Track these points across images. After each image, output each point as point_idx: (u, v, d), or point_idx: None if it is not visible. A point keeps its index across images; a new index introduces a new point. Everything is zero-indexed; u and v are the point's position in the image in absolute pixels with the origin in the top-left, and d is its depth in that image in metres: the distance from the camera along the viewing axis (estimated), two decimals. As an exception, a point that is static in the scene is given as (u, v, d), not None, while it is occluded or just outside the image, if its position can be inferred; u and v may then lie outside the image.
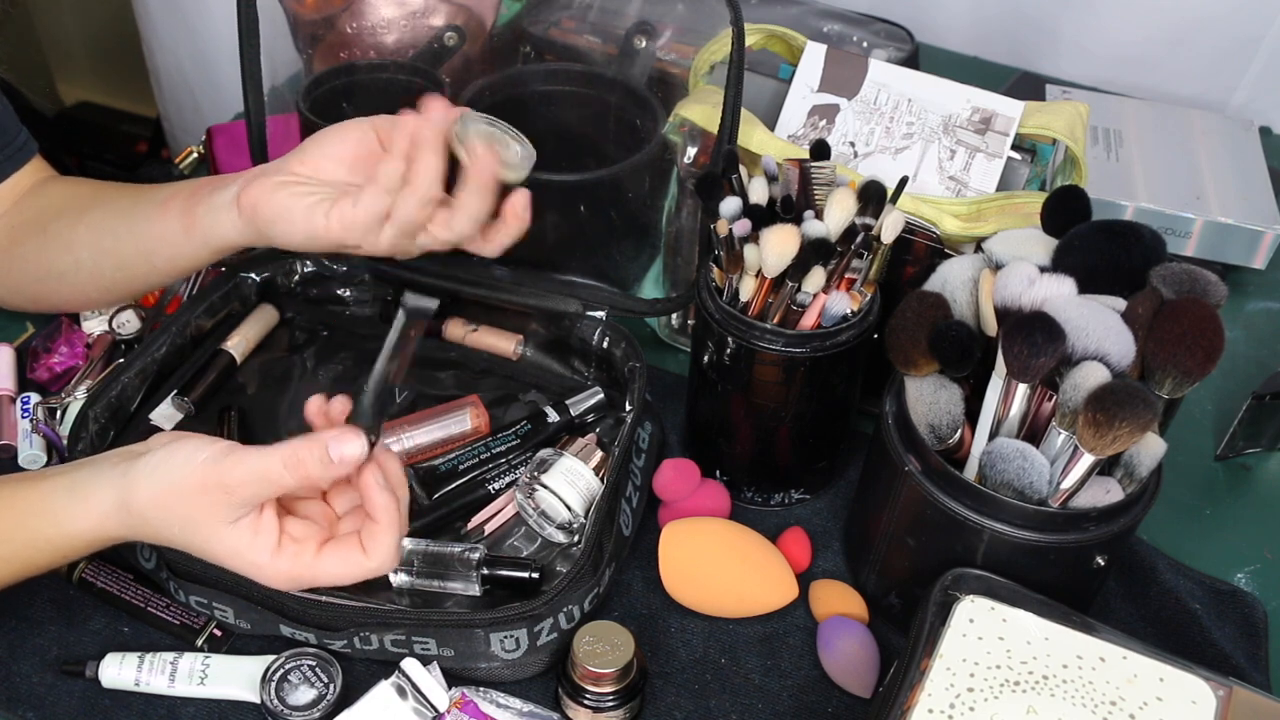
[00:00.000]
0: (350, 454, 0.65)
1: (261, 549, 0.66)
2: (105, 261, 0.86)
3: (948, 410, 0.74)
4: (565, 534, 0.85)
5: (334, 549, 0.68)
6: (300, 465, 0.65)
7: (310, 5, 1.06)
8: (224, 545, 0.66)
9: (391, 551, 0.67)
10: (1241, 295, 1.14)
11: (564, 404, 0.92)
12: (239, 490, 0.65)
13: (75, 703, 0.77)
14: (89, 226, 0.86)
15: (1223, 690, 0.66)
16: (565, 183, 0.96)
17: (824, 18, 1.23)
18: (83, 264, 0.87)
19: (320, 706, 0.75)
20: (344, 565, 0.67)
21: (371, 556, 0.67)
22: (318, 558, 0.67)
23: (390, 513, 0.67)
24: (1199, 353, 0.70)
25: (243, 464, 0.65)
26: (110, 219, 0.86)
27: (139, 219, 0.84)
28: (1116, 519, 0.72)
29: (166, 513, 0.66)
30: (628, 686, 0.76)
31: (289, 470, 0.65)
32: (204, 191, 0.81)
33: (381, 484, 0.67)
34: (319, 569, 0.67)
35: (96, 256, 0.86)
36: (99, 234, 0.86)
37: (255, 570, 0.67)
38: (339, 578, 0.68)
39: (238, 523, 0.66)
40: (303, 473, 0.65)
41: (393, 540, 0.67)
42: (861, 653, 0.81)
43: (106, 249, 0.86)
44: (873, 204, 0.79)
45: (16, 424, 0.92)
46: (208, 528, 0.66)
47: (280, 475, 0.65)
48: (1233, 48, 1.34)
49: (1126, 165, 1.17)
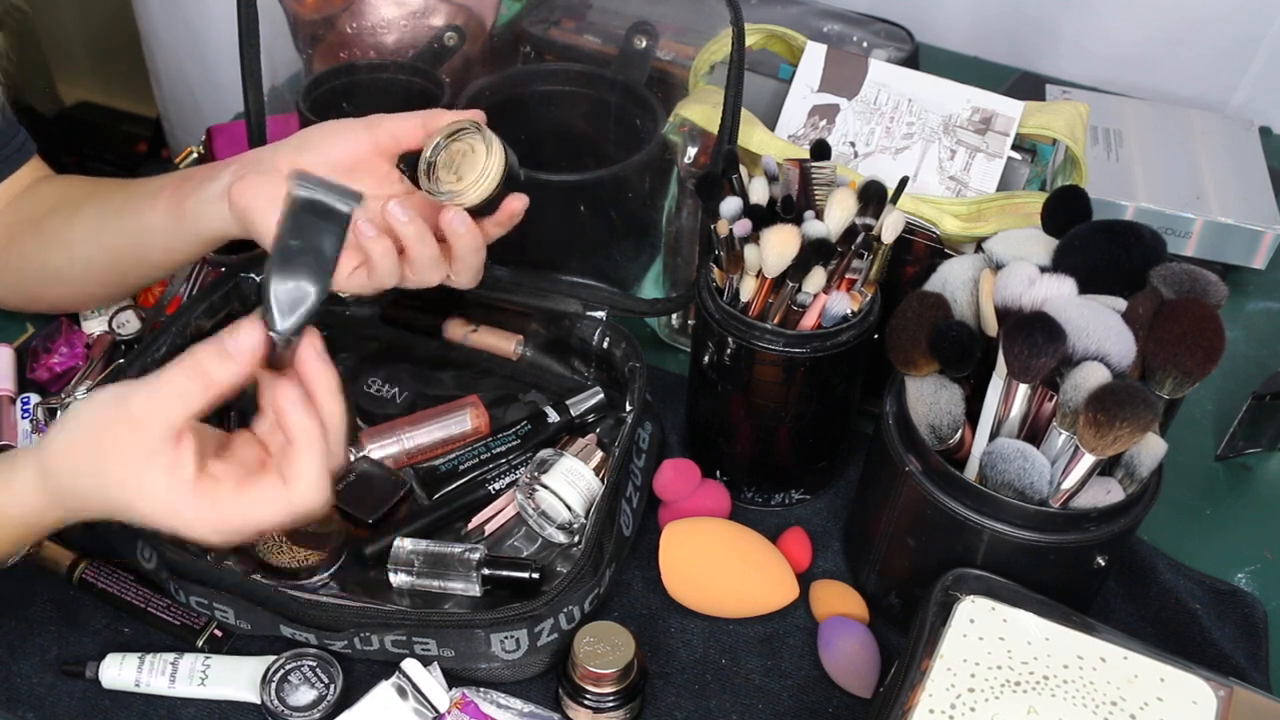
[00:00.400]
0: (245, 343, 0.60)
1: (180, 489, 0.60)
2: (101, 256, 0.86)
3: (948, 410, 0.74)
4: (565, 534, 0.85)
5: (253, 483, 0.62)
6: (198, 366, 0.60)
7: (310, 5, 1.06)
8: (141, 492, 0.61)
9: (313, 479, 0.61)
10: (1241, 295, 1.14)
11: (564, 404, 0.92)
12: (145, 420, 0.60)
13: (75, 703, 0.77)
14: (84, 222, 0.86)
15: (1223, 690, 0.66)
16: (565, 183, 0.96)
17: (824, 18, 1.23)
18: (78, 260, 0.87)
19: (320, 707, 0.75)
20: (266, 502, 0.61)
21: (291, 486, 0.61)
22: (237, 495, 0.61)
23: (308, 432, 0.61)
24: (1199, 353, 0.70)
25: (143, 388, 0.61)
26: (104, 214, 0.86)
27: (131, 213, 0.84)
28: (1117, 519, 0.72)
29: (77, 465, 0.62)
30: (628, 687, 0.76)
31: (188, 377, 0.60)
32: (193, 182, 0.80)
33: (296, 400, 0.61)
34: (241, 508, 0.61)
35: (92, 252, 0.86)
36: (93, 229, 0.86)
37: (175, 517, 0.61)
38: (265, 517, 0.62)
39: (152, 463, 0.60)
40: (201, 373, 0.60)
41: (312, 465, 0.61)
42: (862, 653, 0.81)
43: (101, 244, 0.86)
44: (873, 204, 0.79)
45: (17, 424, 0.92)
46: (120, 472, 0.61)
47: (182, 385, 0.60)
48: (1233, 48, 1.34)
49: (1126, 165, 1.17)
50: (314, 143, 0.78)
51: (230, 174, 0.78)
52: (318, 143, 0.78)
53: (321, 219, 0.62)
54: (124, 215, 0.84)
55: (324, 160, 0.77)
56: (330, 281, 0.61)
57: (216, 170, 0.80)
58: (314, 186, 0.62)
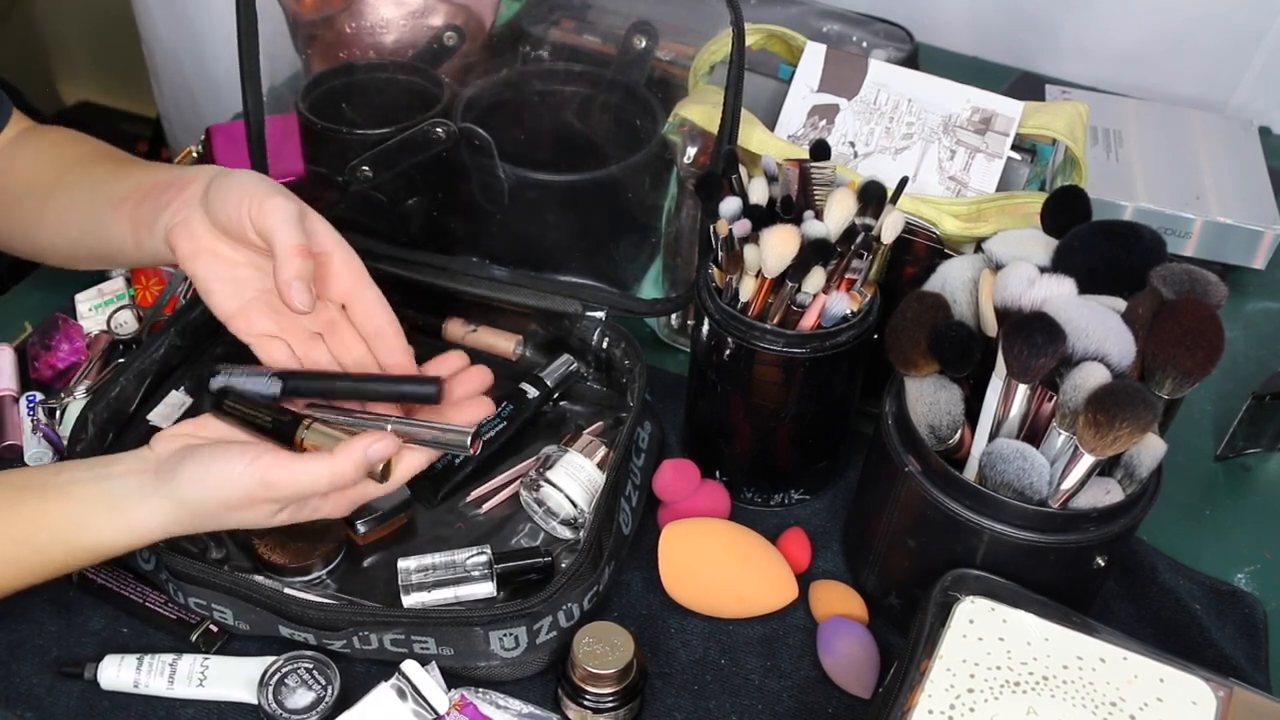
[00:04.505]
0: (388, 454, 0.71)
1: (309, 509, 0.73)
2: (78, 250, 0.88)
3: (948, 411, 0.74)
4: (570, 529, 0.85)
5: None
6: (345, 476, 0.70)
7: (309, 5, 1.06)
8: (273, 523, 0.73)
9: None
10: (1241, 295, 1.14)
11: (539, 377, 0.94)
12: (285, 500, 0.71)
13: (74, 704, 0.77)
14: (55, 213, 0.87)
15: (1223, 691, 0.66)
16: (565, 183, 0.96)
17: (824, 18, 1.23)
18: (60, 247, 0.88)
19: (318, 710, 0.75)
20: None
21: None
22: None
23: None
24: (1199, 353, 0.70)
25: (288, 479, 0.70)
26: (72, 212, 0.86)
27: (94, 219, 0.84)
28: (1116, 519, 0.72)
29: (218, 519, 0.72)
30: (627, 687, 0.76)
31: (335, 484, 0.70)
32: (147, 207, 0.80)
33: None
34: None
35: (67, 244, 0.87)
36: (64, 224, 0.86)
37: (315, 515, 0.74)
38: None
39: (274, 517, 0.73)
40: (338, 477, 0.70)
41: None
42: (861, 653, 0.81)
43: (74, 240, 0.87)
44: (873, 204, 0.79)
45: (20, 424, 0.91)
46: (257, 520, 0.73)
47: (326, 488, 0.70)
48: (1233, 47, 1.34)
49: (1126, 165, 1.17)
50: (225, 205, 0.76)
51: (170, 214, 0.78)
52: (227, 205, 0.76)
53: None
54: (88, 219, 0.84)
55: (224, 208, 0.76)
56: None
57: (165, 199, 0.79)
58: None
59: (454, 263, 0.97)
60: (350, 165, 0.97)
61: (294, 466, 0.70)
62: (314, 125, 0.98)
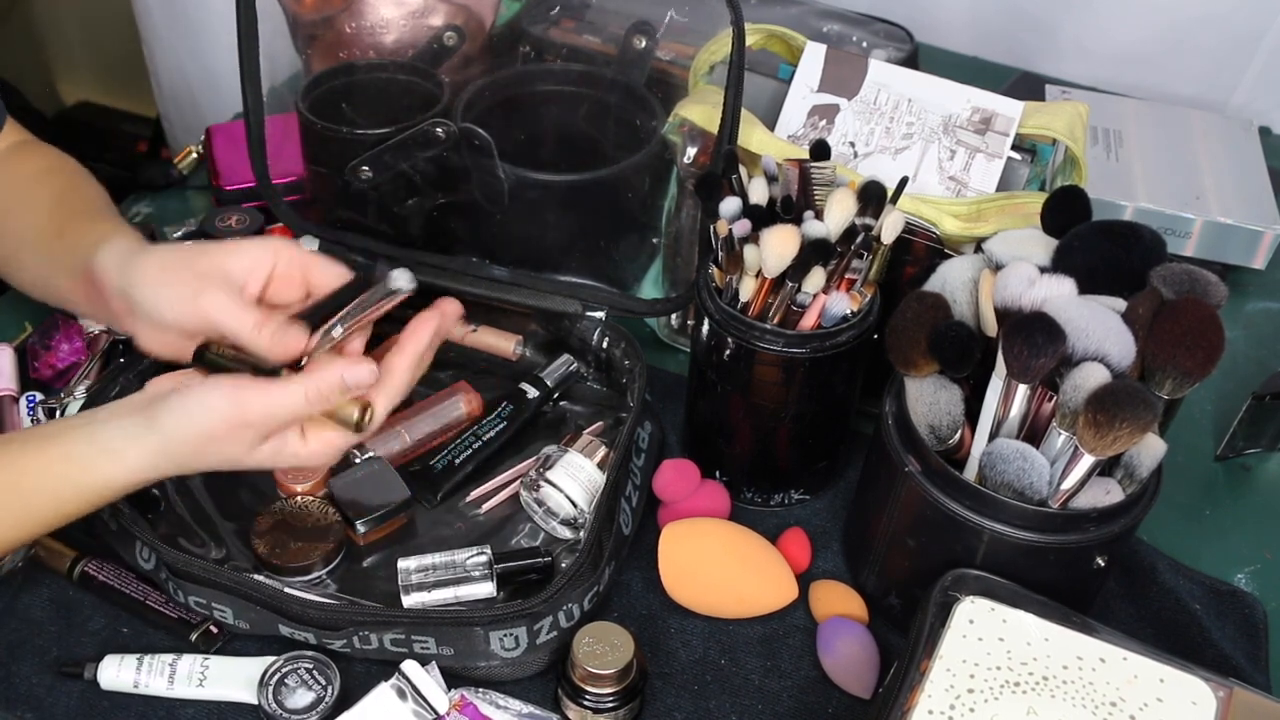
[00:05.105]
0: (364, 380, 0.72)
1: (288, 453, 0.73)
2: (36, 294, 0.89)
3: (948, 411, 0.74)
4: (570, 530, 0.85)
5: None
6: (321, 396, 0.71)
7: (309, 5, 1.06)
8: (253, 460, 0.73)
9: None
10: (1241, 295, 1.14)
11: (539, 377, 0.94)
12: (262, 425, 0.71)
13: (74, 704, 0.77)
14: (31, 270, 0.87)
15: (1223, 691, 0.66)
16: (565, 183, 0.96)
17: (824, 18, 1.23)
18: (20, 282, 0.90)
19: (318, 710, 0.75)
20: None
21: None
22: None
23: None
24: (1199, 353, 0.70)
25: (263, 401, 0.70)
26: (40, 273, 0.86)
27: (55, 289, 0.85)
28: (1116, 519, 0.72)
29: (200, 454, 0.73)
30: (627, 687, 0.76)
31: (311, 404, 0.71)
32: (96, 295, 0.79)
33: None
34: None
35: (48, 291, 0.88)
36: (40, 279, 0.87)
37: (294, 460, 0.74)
38: None
39: (266, 442, 0.73)
40: (321, 400, 0.71)
41: None
42: (861, 653, 0.81)
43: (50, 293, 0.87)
44: (873, 204, 0.79)
45: (21, 424, 0.91)
46: (237, 455, 0.73)
47: (303, 408, 0.71)
48: (1233, 47, 1.34)
49: (1126, 165, 1.17)
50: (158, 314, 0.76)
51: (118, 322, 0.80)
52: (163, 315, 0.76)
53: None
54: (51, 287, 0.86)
55: None
56: None
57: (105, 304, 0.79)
58: None
59: (454, 262, 0.97)
60: (350, 165, 0.97)
61: (270, 388, 0.71)
62: (314, 125, 0.98)
